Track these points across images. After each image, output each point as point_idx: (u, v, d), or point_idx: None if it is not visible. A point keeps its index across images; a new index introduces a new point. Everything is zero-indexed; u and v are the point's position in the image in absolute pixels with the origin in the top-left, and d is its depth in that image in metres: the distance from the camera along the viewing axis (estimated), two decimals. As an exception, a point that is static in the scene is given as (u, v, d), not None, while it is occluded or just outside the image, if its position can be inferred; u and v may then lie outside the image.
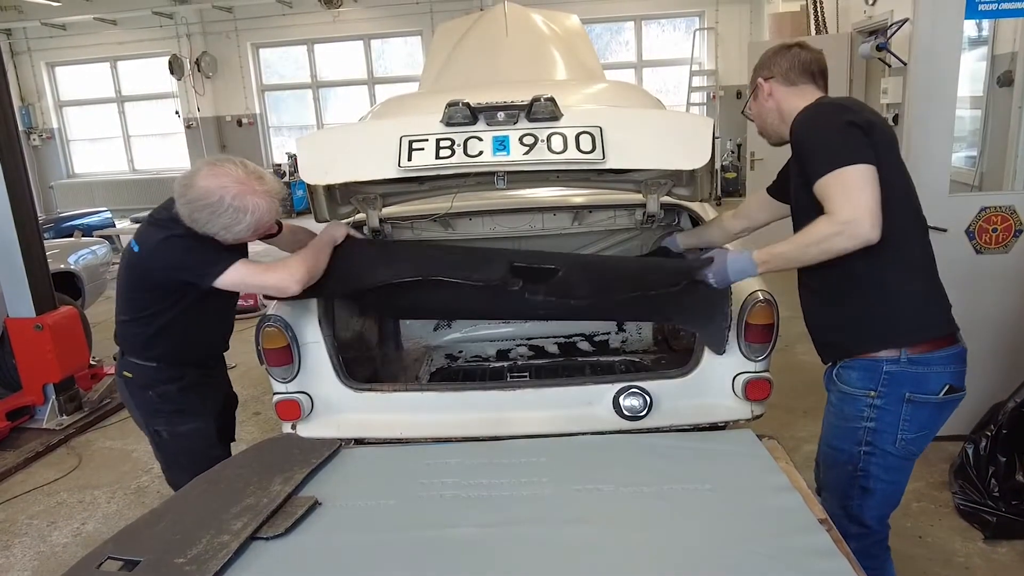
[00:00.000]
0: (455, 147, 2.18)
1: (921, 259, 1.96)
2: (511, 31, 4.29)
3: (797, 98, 2.06)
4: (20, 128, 13.52)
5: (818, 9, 7.93)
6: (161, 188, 14.28)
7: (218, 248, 2.24)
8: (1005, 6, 3.26)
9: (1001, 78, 4.82)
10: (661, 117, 2.61)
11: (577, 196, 3.45)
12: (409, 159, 2.18)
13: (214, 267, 2.20)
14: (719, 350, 2.44)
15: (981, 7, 3.25)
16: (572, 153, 2.15)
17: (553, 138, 2.17)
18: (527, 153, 2.16)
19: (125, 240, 9.82)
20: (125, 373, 2.46)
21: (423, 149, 2.19)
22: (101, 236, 7.71)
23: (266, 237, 2.50)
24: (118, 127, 14.85)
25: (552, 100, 2.18)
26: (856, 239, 1.76)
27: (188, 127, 13.94)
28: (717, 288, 2.18)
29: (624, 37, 13.14)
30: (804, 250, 1.86)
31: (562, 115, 2.20)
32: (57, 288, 4.68)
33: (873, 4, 6.74)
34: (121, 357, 2.48)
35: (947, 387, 1.90)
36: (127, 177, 14.82)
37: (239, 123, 13.92)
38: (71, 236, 7.07)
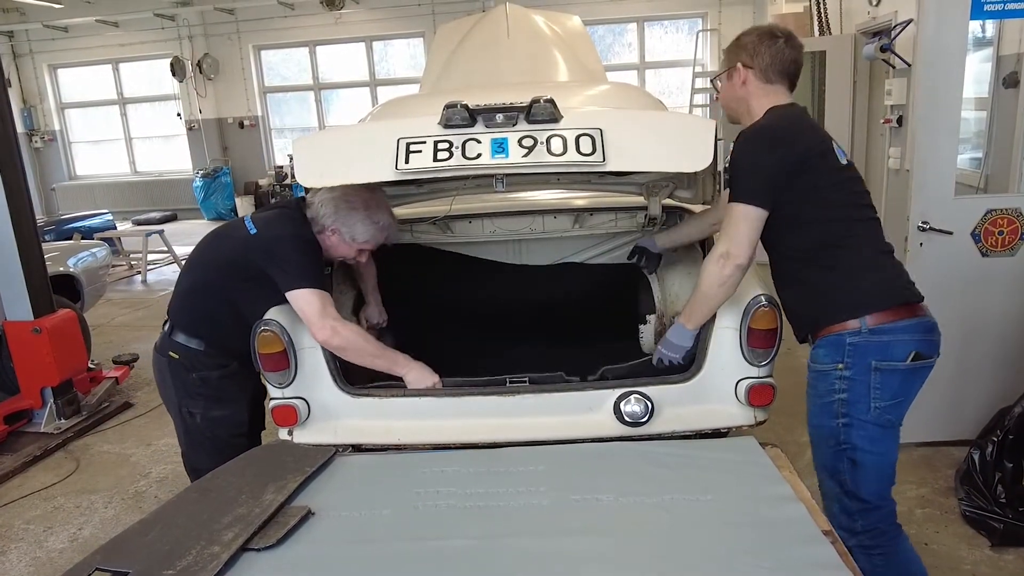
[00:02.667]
0: (453, 149, 2.14)
1: (868, 240, 2.09)
2: (512, 32, 4.26)
3: (766, 98, 2.17)
4: (22, 130, 13.61)
5: (821, 10, 7.90)
6: (163, 190, 14.33)
7: (318, 270, 2.48)
8: (1011, 6, 3.22)
9: (1007, 79, 4.77)
10: (662, 119, 2.57)
11: (578, 198, 3.42)
12: (407, 162, 2.15)
13: (301, 281, 2.38)
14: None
15: (987, 7, 3.21)
16: (572, 155, 2.12)
17: (552, 140, 2.14)
18: (526, 155, 2.13)
19: (126, 242, 9.82)
20: (171, 354, 2.58)
21: (421, 152, 2.15)
22: (101, 238, 7.67)
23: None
24: (120, 129, 14.83)
25: (551, 102, 2.15)
26: (734, 267, 2.06)
27: (190, 129, 13.93)
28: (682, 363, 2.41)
29: (627, 39, 13.11)
30: (710, 293, 2.17)
31: (562, 117, 2.17)
32: (56, 291, 4.66)
33: (877, 5, 6.70)
34: (167, 337, 2.60)
35: (913, 353, 1.98)
36: (129, 179, 14.81)
37: (241, 125, 13.89)
38: (71, 239, 7.04)
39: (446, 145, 2.15)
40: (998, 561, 2.80)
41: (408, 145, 2.16)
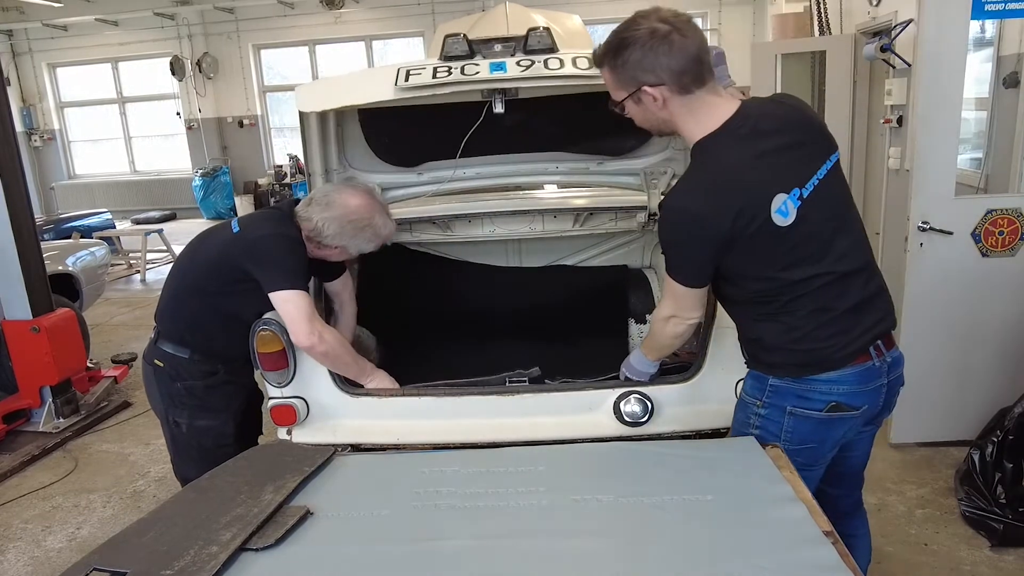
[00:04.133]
0: (452, 70, 2.29)
1: (810, 305, 1.83)
2: (512, 31, 4.25)
3: (695, 115, 1.76)
4: (21, 129, 13.59)
5: (821, 10, 7.89)
6: (162, 189, 14.31)
7: (303, 270, 2.39)
8: (1012, 6, 3.23)
9: (1007, 79, 4.76)
10: None
11: (578, 198, 3.41)
12: (406, 80, 2.28)
13: (285, 281, 2.32)
14: None
15: (987, 7, 3.22)
16: (569, 69, 2.24)
17: (550, 61, 2.29)
18: (524, 71, 2.26)
19: (125, 241, 9.81)
20: (156, 362, 2.55)
21: (420, 74, 2.29)
22: (100, 237, 7.67)
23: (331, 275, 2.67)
24: (119, 128, 14.83)
25: (548, 31, 2.29)
26: (686, 326, 2.00)
27: (189, 128, 13.93)
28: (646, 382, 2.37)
29: (626, 38, 13.11)
30: (665, 343, 2.12)
31: (559, 48, 2.30)
32: (55, 290, 4.65)
33: (877, 5, 6.69)
34: (154, 344, 2.58)
35: (832, 404, 1.86)
36: (128, 178, 14.82)
37: (240, 124, 13.89)
38: (70, 238, 7.04)
39: (445, 68, 2.29)
40: (998, 561, 2.80)
41: (408, 71, 2.29)
